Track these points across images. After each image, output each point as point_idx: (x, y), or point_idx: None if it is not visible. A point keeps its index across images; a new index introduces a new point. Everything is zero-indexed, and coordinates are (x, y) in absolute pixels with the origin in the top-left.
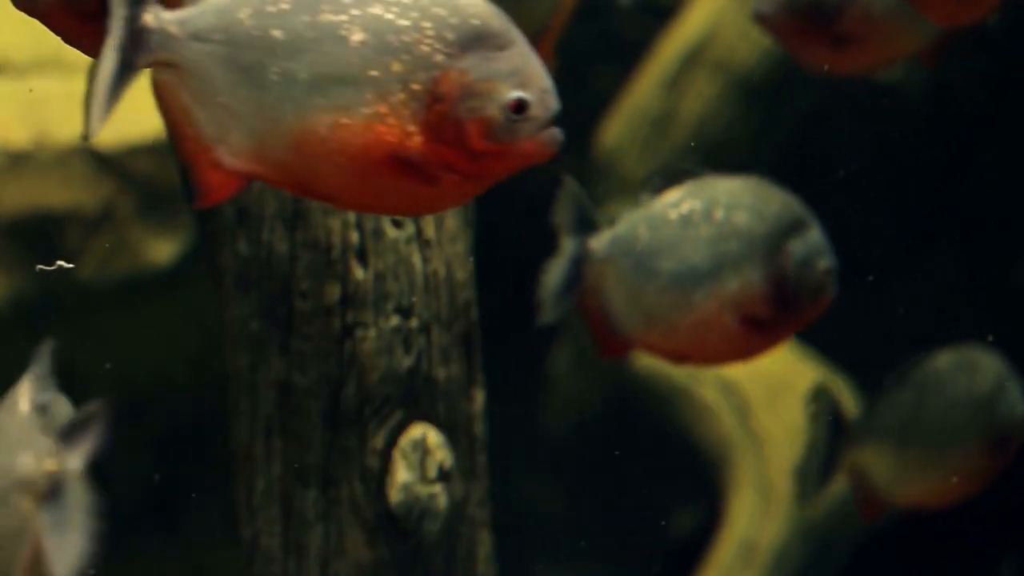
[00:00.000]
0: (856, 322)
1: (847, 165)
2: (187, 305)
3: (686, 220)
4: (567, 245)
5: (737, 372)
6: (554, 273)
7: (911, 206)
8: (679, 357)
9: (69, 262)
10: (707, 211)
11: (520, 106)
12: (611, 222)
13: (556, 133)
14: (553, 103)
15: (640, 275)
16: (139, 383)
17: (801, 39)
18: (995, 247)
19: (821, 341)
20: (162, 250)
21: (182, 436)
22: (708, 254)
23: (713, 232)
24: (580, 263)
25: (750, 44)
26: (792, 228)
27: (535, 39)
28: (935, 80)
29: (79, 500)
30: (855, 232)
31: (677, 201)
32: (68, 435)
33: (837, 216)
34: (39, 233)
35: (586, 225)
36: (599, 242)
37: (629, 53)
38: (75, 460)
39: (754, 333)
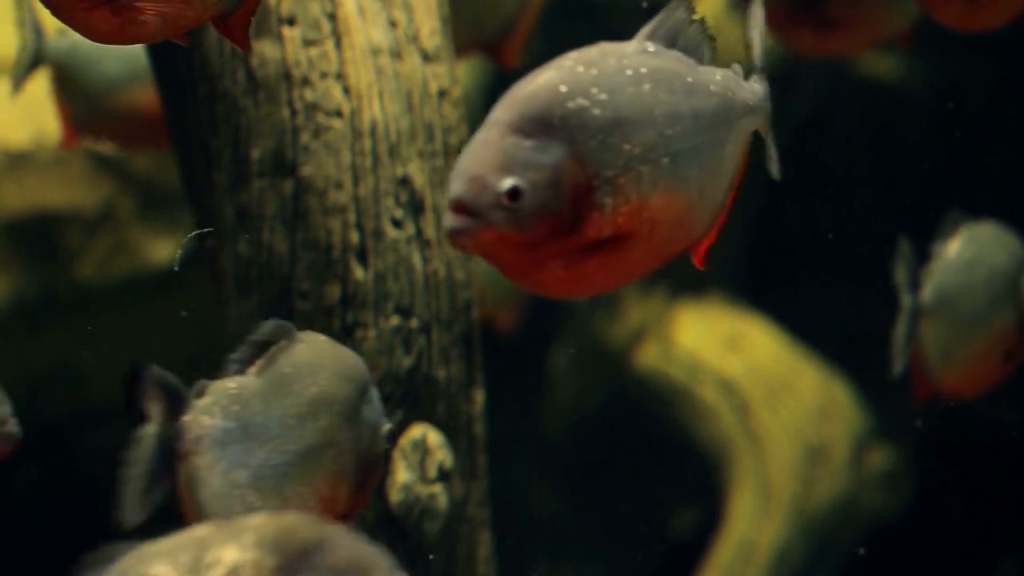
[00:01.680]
0: (856, 322)
1: (846, 165)
2: (187, 305)
3: (971, 267)
4: (907, 302)
5: (737, 372)
6: (901, 327)
7: (911, 206)
8: (959, 393)
9: (69, 262)
10: (981, 257)
11: None
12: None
13: (446, 219)
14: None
15: (947, 321)
16: None
17: (789, 24)
18: None
19: (821, 341)
20: (162, 250)
21: None
22: (988, 297)
23: (987, 275)
24: (916, 316)
25: None
26: (1021, 265)
27: (501, 37)
28: (936, 80)
29: None
30: (855, 232)
31: (963, 249)
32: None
33: (837, 216)
34: (39, 233)
35: (915, 281)
36: (926, 296)
37: None
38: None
39: (1005, 363)
